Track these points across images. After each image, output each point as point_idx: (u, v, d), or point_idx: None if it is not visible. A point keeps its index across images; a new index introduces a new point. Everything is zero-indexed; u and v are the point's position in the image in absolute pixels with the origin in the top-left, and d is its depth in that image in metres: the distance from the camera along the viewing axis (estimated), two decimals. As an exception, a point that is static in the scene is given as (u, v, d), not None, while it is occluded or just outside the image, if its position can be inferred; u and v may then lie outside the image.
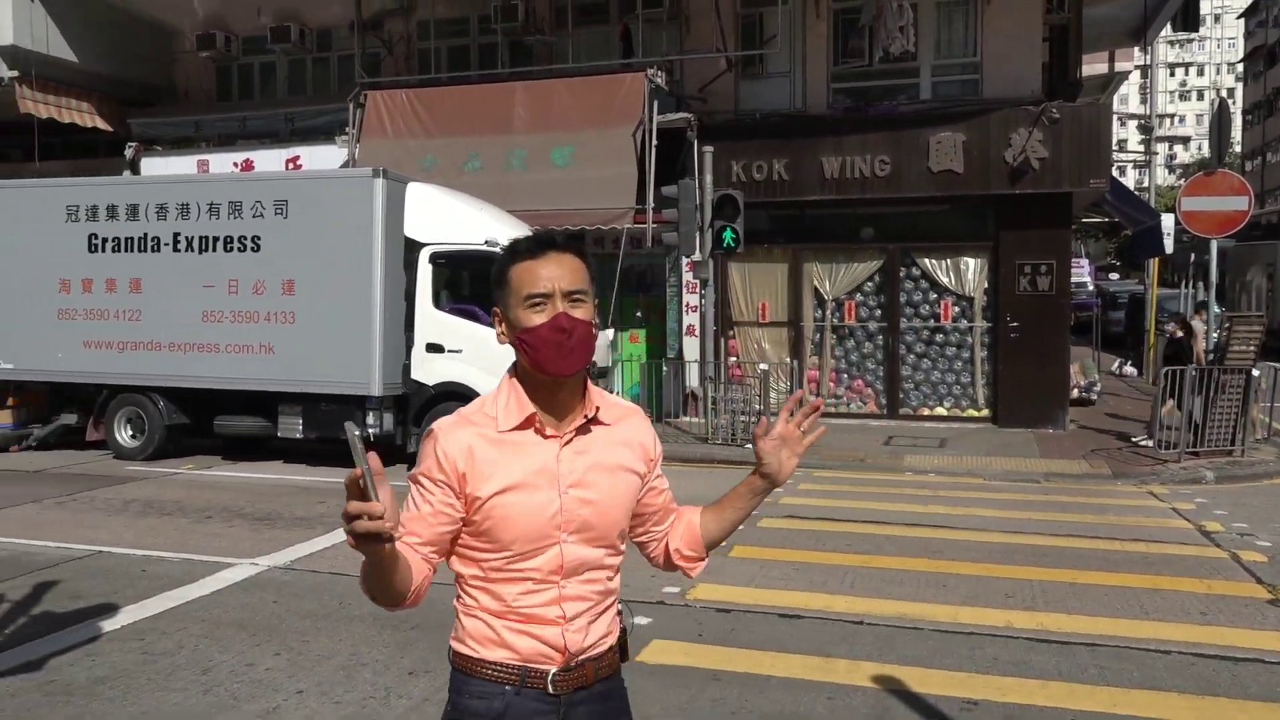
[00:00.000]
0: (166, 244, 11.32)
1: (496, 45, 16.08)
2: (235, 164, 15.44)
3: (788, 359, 14.61)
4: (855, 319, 14.92)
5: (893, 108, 14.41)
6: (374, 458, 1.54)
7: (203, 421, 11.75)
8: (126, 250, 11.51)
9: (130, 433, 11.86)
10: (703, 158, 12.98)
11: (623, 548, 1.98)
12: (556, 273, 1.84)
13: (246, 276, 11.00)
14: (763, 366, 13.20)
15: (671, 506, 2.11)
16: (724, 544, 7.06)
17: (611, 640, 1.96)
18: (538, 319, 1.82)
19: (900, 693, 4.61)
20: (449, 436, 1.85)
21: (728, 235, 12.45)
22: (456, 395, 10.25)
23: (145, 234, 11.42)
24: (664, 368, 14.49)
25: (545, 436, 1.87)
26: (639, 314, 15.62)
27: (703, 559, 2.12)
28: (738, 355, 15.11)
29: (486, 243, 10.26)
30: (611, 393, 11.17)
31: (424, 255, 10.82)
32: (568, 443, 1.88)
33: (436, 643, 4.89)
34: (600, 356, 11.79)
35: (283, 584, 6.50)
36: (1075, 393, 15.18)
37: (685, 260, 14.13)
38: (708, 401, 12.96)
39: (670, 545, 2.10)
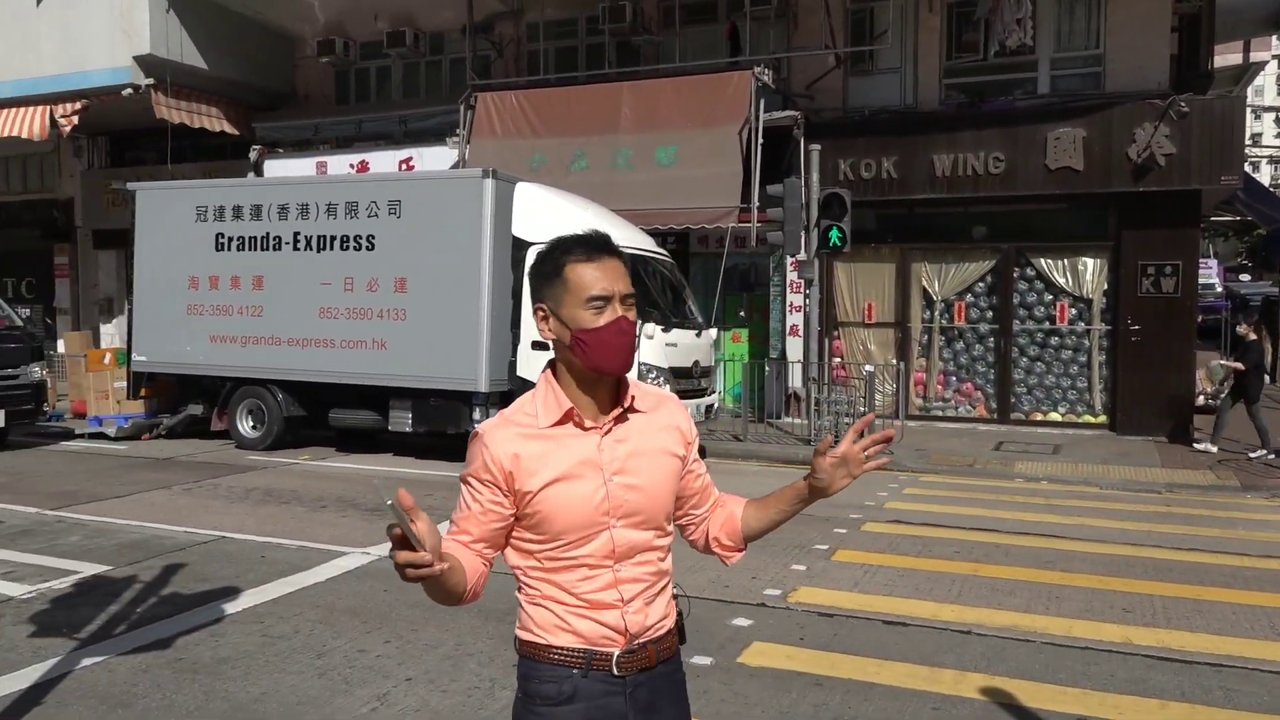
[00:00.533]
0: (287, 243, 11.79)
1: (604, 46, 16.24)
2: (352, 165, 15.98)
3: (894, 360, 14.34)
4: (965, 320, 14.54)
5: (1008, 103, 13.98)
6: (404, 494, 1.60)
7: (318, 414, 12.19)
8: (250, 249, 12.03)
9: (251, 423, 12.40)
10: (809, 156, 12.83)
11: (670, 529, 2.06)
12: (613, 275, 1.94)
13: (361, 274, 11.36)
14: (868, 368, 12.99)
15: (710, 491, 2.18)
16: (826, 547, 6.88)
17: (669, 624, 2.03)
18: (600, 320, 1.89)
19: (1009, 706, 4.47)
20: (493, 437, 1.93)
21: (834, 234, 12.28)
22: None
23: (268, 233, 11.92)
24: (766, 368, 14.38)
25: (585, 429, 1.94)
26: (742, 313, 15.55)
27: (741, 550, 2.19)
28: (842, 356, 14.89)
29: None
30: (714, 394, 11.07)
31: (531, 254, 10.97)
32: (607, 433, 1.95)
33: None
34: (704, 356, 11.77)
35: (393, 573, 6.59)
36: (1201, 400, 14.46)
37: (790, 259, 14.00)
38: (810, 403, 12.81)
39: (710, 533, 2.17)
